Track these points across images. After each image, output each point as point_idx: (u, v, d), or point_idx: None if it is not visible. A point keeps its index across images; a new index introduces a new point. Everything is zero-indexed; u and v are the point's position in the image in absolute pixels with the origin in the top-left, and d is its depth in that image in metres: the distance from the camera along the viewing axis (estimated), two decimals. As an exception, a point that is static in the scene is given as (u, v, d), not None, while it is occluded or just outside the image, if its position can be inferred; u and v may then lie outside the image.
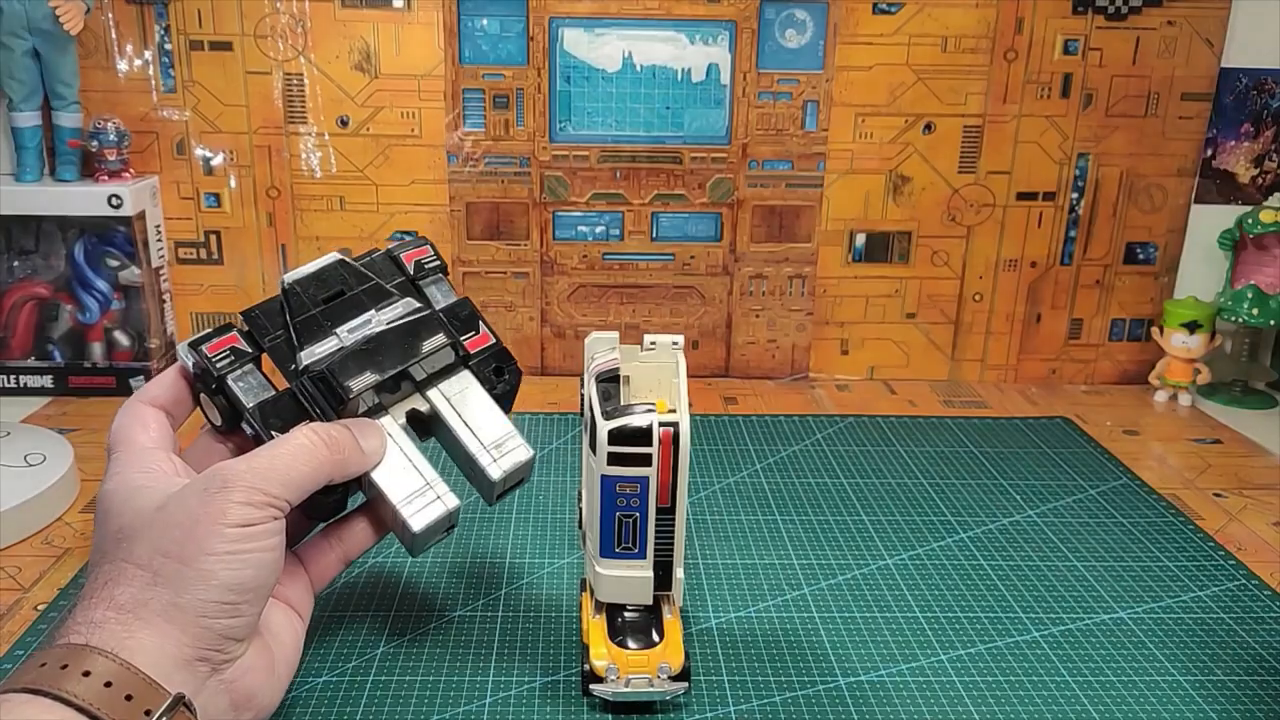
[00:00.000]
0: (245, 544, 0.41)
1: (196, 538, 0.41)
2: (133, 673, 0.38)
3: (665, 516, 0.49)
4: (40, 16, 0.84)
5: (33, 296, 0.91)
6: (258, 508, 0.42)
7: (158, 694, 0.38)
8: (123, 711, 0.37)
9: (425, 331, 0.49)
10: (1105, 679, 0.55)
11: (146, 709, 0.38)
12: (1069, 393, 1.00)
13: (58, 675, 0.37)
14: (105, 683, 0.37)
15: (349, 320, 0.49)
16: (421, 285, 0.53)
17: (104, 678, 0.38)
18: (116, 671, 0.38)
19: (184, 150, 0.93)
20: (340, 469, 0.46)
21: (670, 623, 0.52)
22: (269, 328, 0.49)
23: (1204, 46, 0.94)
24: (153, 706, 0.38)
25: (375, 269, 0.52)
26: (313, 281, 0.50)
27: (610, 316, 1.00)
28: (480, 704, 0.52)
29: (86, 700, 0.37)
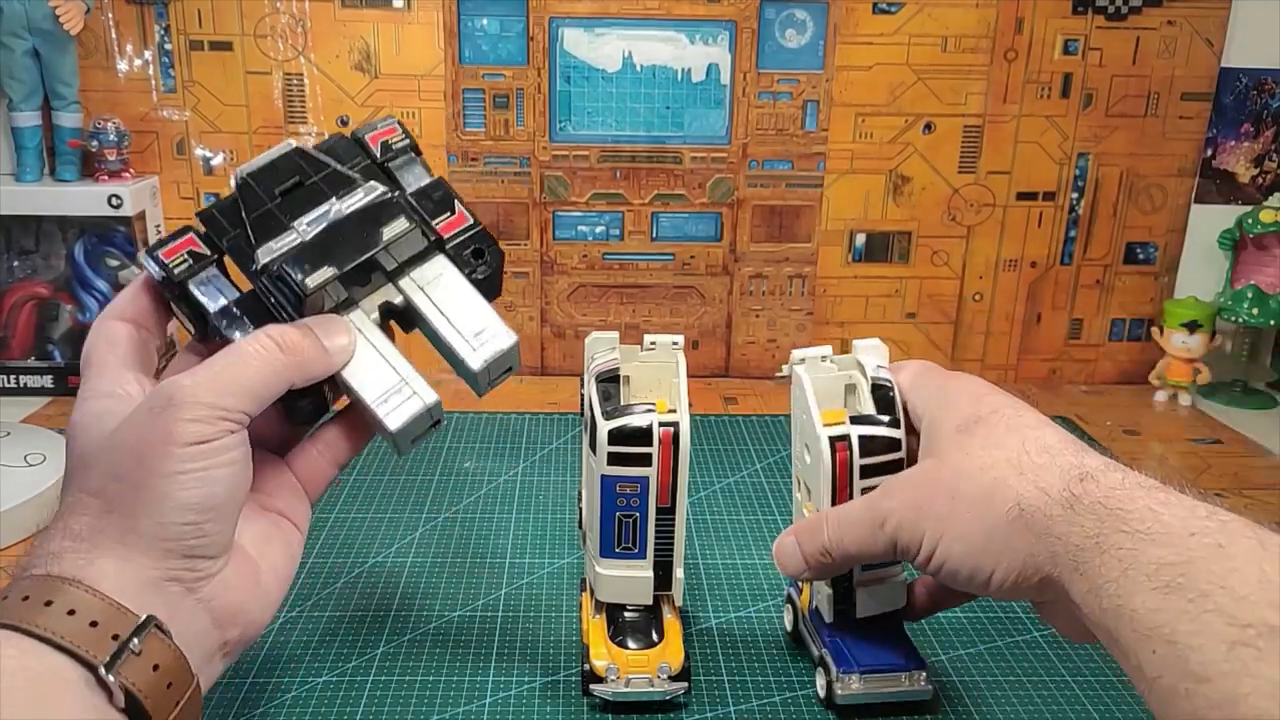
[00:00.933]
0: (200, 461, 0.38)
1: (147, 461, 0.38)
2: (97, 597, 0.36)
3: (665, 516, 0.49)
4: (40, 16, 0.84)
5: (33, 296, 0.91)
6: (209, 423, 0.39)
7: (125, 617, 0.36)
8: (89, 639, 0.35)
9: (387, 216, 0.45)
10: (1105, 679, 0.55)
11: (114, 633, 0.36)
12: (1069, 393, 1.00)
13: (19, 607, 0.35)
14: (69, 610, 0.35)
15: (308, 212, 0.45)
16: (391, 168, 0.49)
17: (67, 605, 0.36)
18: (80, 598, 0.36)
19: (184, 150, 0.93)
20: (301, 371, 0.42)
21: (670, 623, 0.52)
22: (226, 227, 0.46)
23: (1204, 46, 0.94)
24: (120, 630, 0.36)
25: (336, 154, 0.48)
26: (268, 173, 0.46)
27: (610, 316, 1.00)
28: (480, 704, 0.52)
29: (50, 630, 0.35)
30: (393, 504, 0.72)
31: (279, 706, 0.51)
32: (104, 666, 0.35)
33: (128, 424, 0.40)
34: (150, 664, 0.36)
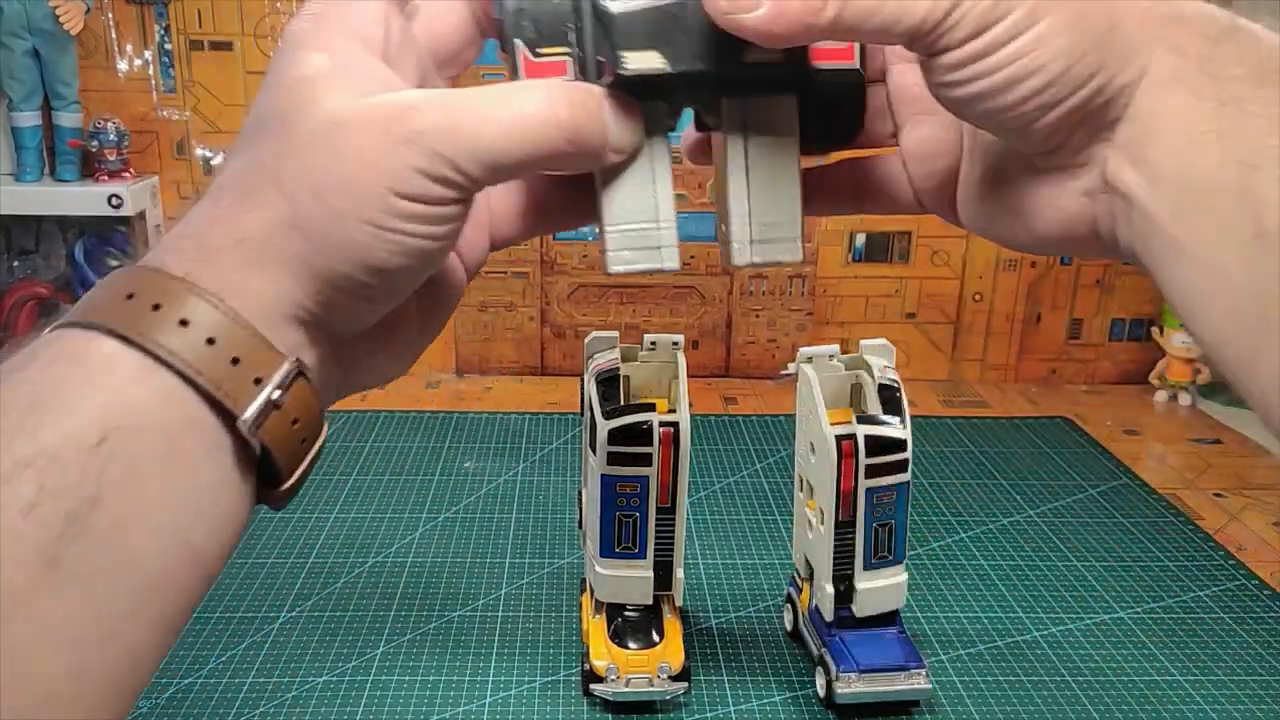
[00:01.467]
0: (408, 224, 0.29)
1: (355, 191, 0.29)
2: (240, 326, 0.28)
3: (665, 516, 0.49)
4: (40, 16, 0.84)
5: (33, 296, 0.91)
6: (438, 182, 0.29)
7: (269, 357, 0.28)
8: (231, 381, 0.27)
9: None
10: (1105, 679, 0.55)
11: (256, 376, 0.28)
12: (1069, 393, 1.00)
13: (148, 319, 0.27)
14: (208, 338, 0.27)
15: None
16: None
17: (206, 332, 0.27)
18: (221, 324, 0.28)
19: (184, 150, 0.93)
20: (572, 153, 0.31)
21: (670, 623, 0.52)
22: None
23: (1204, 46, 0.94)
24: (262, 373, 0.28)
25: None
26: None
27: (610, 316, 1.00)
28: (480, 704, 0.52)
29: (184, 360, 0.27)
30: (393, 504, 0.72)
31: (279, 706, 0.51)
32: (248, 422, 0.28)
33: (357, 129, 0.29)
34: (290, 417, 0.29)
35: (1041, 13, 0.27)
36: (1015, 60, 0.28)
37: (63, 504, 0.24)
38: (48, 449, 0.24)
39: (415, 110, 0.29)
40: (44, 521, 0.24)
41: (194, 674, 0.54)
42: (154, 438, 0.26)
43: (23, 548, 0.24)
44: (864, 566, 0.50)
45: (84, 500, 0.24)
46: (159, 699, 0.52)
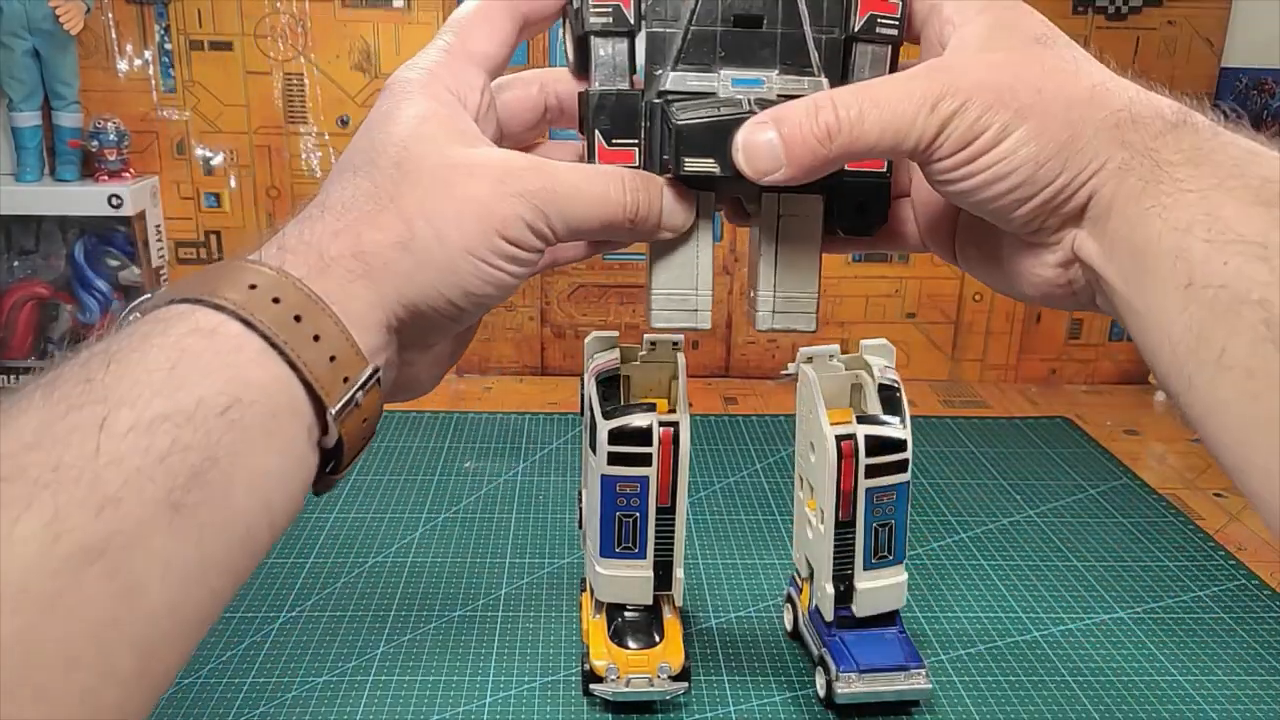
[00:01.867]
0: (500, 263, 0.35)
1: (466, 227, 0.34)
2: (340, 330, 0.32)
3: (665, 516, 0.50)
4: (40, 16, 0.84)
5: (33, 296, 0.91)
6: (535, 234, 0.35)
7: (357, 361, 0.33)
8: (327, 376, 0.32)
9: None
10: (1105, 679, 0.55)
11: (345, 375, 0.32)
12: (1069, 393, 1.00)
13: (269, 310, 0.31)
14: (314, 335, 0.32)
15: (741, 65, 0.39)
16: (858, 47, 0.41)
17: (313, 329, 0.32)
18: (326, 326, 0.32)
19: (184, 150, 0.93)
20: (634, 230, 0.39)
21: (670, 622, 0.52)
22: (662, 8, 0.40)
23: (1204, 46, 0.94)
24: (350, 374, 0.32)
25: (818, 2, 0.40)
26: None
27: (610, 316, 1.00)
28: (480, 704, 0.52)
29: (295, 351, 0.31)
30: (393, 504, 0.72)
31: (279, 706, 0.51)
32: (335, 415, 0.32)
33: (475, 172, 0.35)
34: (363, 415, 0.33)
35: (1011, 128, 0.34)
36: (990, 167, 0.35)
37: (190, 458, 0.27)
38: (185, 408, 0.28)
39: (527, 171, 0.36)
40: (172, 470, 0.27)
41: (194, 674, 0.54)
42: (264, 414, 0.30)
43: (152, 490, 0.26)
44: (864, 566, 0.50)
45: (206, 458, 0.28)
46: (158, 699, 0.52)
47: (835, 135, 0.35)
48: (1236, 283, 0.29)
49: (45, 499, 0.25)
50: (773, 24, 0.40)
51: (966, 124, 0.34)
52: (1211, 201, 0.31)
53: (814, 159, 0.36)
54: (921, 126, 0.35)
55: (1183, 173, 0.32)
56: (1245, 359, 0.28)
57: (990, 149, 0.35)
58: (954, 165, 0.35)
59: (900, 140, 0.35)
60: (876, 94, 0.36)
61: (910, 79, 0.36)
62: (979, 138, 0.34)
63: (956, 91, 0.35)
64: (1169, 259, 0.31)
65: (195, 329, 0.30)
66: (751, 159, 0.37)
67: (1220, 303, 0.29)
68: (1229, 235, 0.30)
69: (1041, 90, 0.35)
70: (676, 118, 0.38)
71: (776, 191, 0.42)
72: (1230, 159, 0.32)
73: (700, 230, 0.42)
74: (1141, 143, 0.33)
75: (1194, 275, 0.30)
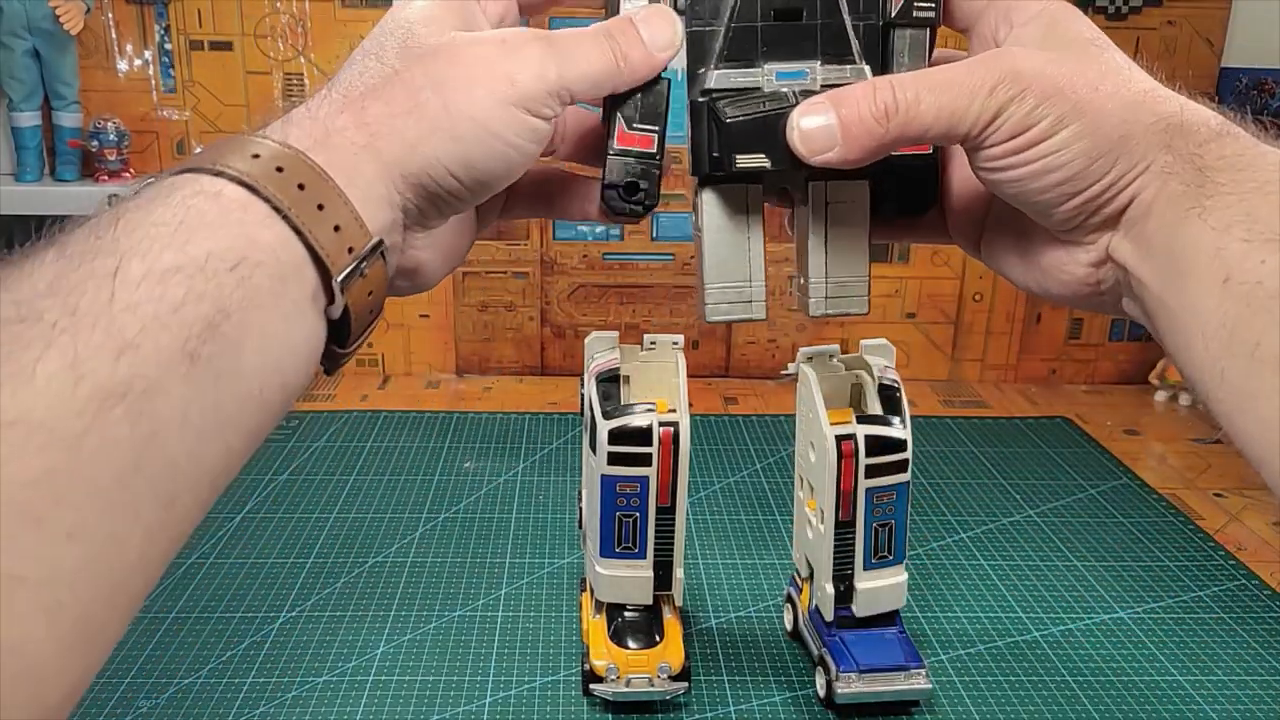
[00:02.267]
0: (515, 134, 0.35)
1: (474, 89, 0.35)
2: (343, 202, 0.33)
3: (665, 516, 0.49)
4: (40, 16, 0.84)
5: (33, 296, 0.91)
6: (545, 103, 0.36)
7: (361, 232, 0.33)
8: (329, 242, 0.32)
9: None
10: (1105, 679, 0.55)
11: (350, 245, 0.33)
12: (1069, 393, 1.00)
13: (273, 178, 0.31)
14: (318, 204, 0.32)
15: (784, 58, 0.40)
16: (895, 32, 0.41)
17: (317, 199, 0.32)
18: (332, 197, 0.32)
19: (184, 150, 0.93)
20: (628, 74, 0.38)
21: (670, 622, 0.52)
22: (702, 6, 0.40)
23: (1204, 46, 0.94)
24: (354, 244, 0.33)
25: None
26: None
27: (610, 316, 1.00)
28: (480, 704, 0.52)
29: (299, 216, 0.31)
30: (393, 504, 0.72)
31: (279, 706, 0.51)
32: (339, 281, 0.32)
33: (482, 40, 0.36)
34: (368, 288, 0.34)
35: (1067, 121, 0.34)
36: (1042, 158, 0.35)
37: (203, 309, 0.28)
38: (196, 260, 0.28)
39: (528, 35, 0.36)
40: (186, 321, 0.27)
41: (194, 674, 0.54)
42: (271, 274, 0.30)
43: (168, 339, 0.27)
44: (864, 566, 0.50)
45: (219, 310, 0.28)
46: (159, 699, 0.52)
47: (892, 116, 0.36)
48: (1273, 279, 0.29)
49: (65, 341, 0.25)
50: (812, 15, 0.40)
51: (1023, 112, 0.34)
52: (1250, 204, 0.31)
53: (870, 139, 0.36)
54: (978, 110, 0.35)
55: (1224, 177, 0.32)
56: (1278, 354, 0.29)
57: (1043, 140, 0.35)
58: (1005, 153, 0.35)
59: (955, 124, 0.35)
60: (935, 78, 0.36)
61: (968, 65, 0.36)
62: (1034, 127, 0.35)
63: (1017, 79, 0.35)
64: (1207, 256, 0.32)
65: (200, 191, 0.30)
66: (807, 140, 0.37)
67: (1256, 297, 0.30)
68: (1267, 234, 0.30)
69: (1099, 89, 0.35)
70: (725, 115, 0.39)
71: (824, 179, 0.42)
72: (1271, 165, 0.32)
73: (751, 224, 0.43)
74: (1186, 149, 0.34)
75: (1231, 271, 0.31)
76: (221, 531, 0.68)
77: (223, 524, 0.69)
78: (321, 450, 0.81)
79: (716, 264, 0.43)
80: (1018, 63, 0.35)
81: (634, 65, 0.39)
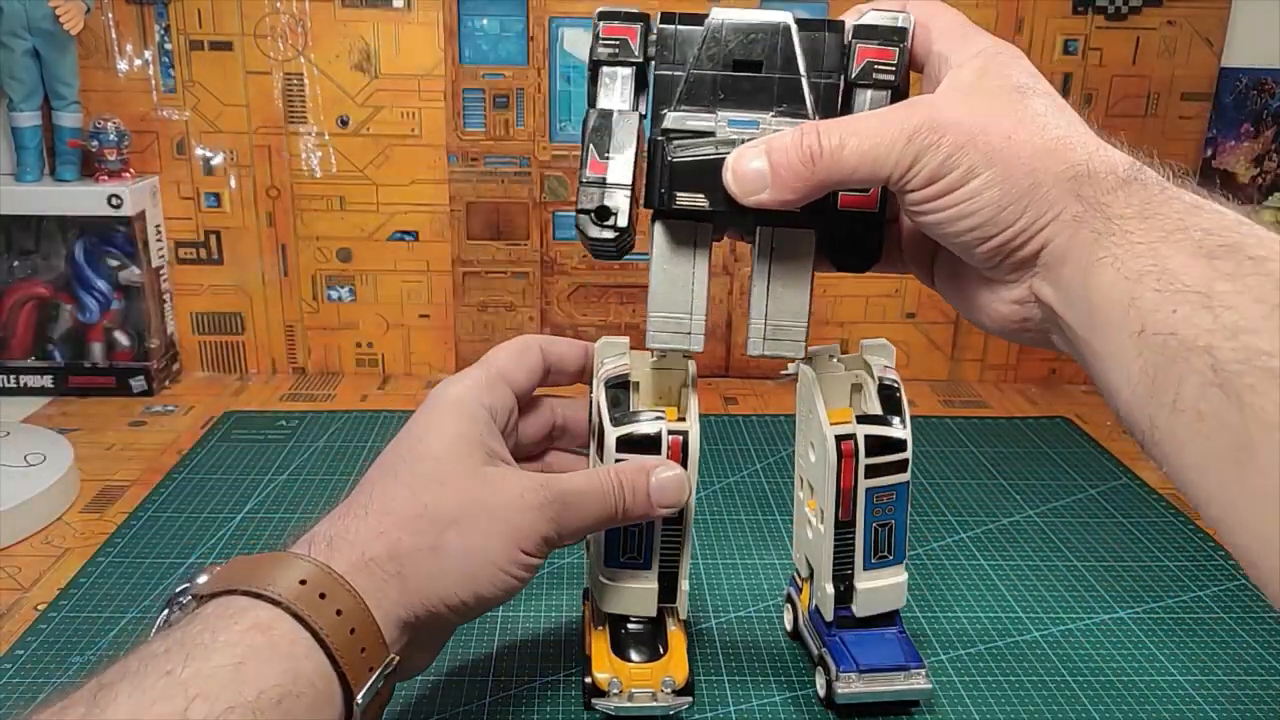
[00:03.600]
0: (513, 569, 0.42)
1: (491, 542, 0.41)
2: (370, 625, 0.38)
3: (672, 527, 0.49)
4: (40, 16, 0.84)
5: (33, 296, 0.91)
6: (546, 544, 0.43)
7: (381, 652, 0.38)
8: (357, 665, 0.37)
9: None
10: (1105, 679, 0.55)
11: (370, 665, 0.38)
12: (1069, 393, 1.00)
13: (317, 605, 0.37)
14: (350, 629, 0.37)
15: (739, 107, 0.42)
16: (855, 95, 0.43)
17: (351, 623, 0.37)
18: (361, 619, 0.38)
19: (184, 150, 0.93)
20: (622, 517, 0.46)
21: (675, 635, 0.51)
22: (669, 51, 0.43)
23: (1204, 46, 0.94)
24: (374, 664, 0.38)
25: (816, 51, 0.42)
26: (742, 35, 0.42)
27: (610, 316, 1.00)
28: (480, 704, 0.52)
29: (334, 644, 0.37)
30: (393, 504, 0.72)
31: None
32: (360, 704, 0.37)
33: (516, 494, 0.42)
34: (382, 700, 0.40)
35: (978, 170, 0.37)
36: (956, 205, 0.37)
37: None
38: (248, 701, 0.33)
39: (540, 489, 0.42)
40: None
41: (194, 674, 0.54)
42: (308, 704, 0.35)
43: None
44: (864, 566, 0.50)
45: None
46: (159, 699, 0.52)
47: (818, 160, 0.38)
48: (1184, 330, 0.31)
49: None
50: (771, 69, 0.42)
51: (938, 161, 0.37)
52: (1159, 253, 0.33)
53: (798, 181, 0.38)
54: (896, 157, 0.37)
55: (1133, 225, 0.34)
56: (1195, 402, 0.30)
57: (956, 188, 0.37)
58: (924, 199, 0.38)
59: (877, 169, 0.38)
60: (859, 125, 0.38)
61: (891, 112, 0.39)
62: (947, 175, 0.37)
63: (934, 127, 0.37)
64: (1122, 307, 0.33)
65: (255, 625, 0.36)
66: (740, 181, 0.40)
67: (1170, 349, 0.31)
68: (1176, 285, 0.32)
69: (1011, 138, 0.37)
70: (671, 154, 0.42)
71: (770, 225, 0.44)
72: (1176, 213, 0.34)
73: (697, 259, 0.45)
74: (1095, 197, 0.36)
75: (1146, 323, 0.32)
76: (221, 531, 0.68)
77: (223, 524, 0.69)
78: (321, 450, 0.81)
79: (660, 294, 0.46)
80: (935, 112, 0.38)
81: (631, 518, 0.46)
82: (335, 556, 0.39)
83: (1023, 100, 0.38)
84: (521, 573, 0.42)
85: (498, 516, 0.41)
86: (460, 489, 0.42)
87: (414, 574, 0.40)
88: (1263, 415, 0.29)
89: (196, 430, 0.85)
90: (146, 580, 0.62)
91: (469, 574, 0.41)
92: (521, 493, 0.42)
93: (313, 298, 0.98)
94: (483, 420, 0.45)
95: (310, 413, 0.89)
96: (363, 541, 0.40)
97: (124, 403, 0.91)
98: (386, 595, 0.39)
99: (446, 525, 0.41)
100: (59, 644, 0.56)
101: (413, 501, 0.41)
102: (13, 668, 0.53)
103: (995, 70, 0.39)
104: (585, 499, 0.44)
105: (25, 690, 0.52)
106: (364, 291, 0.98)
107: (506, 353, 0.49)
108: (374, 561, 0.40)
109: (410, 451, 0.43)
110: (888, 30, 0.42)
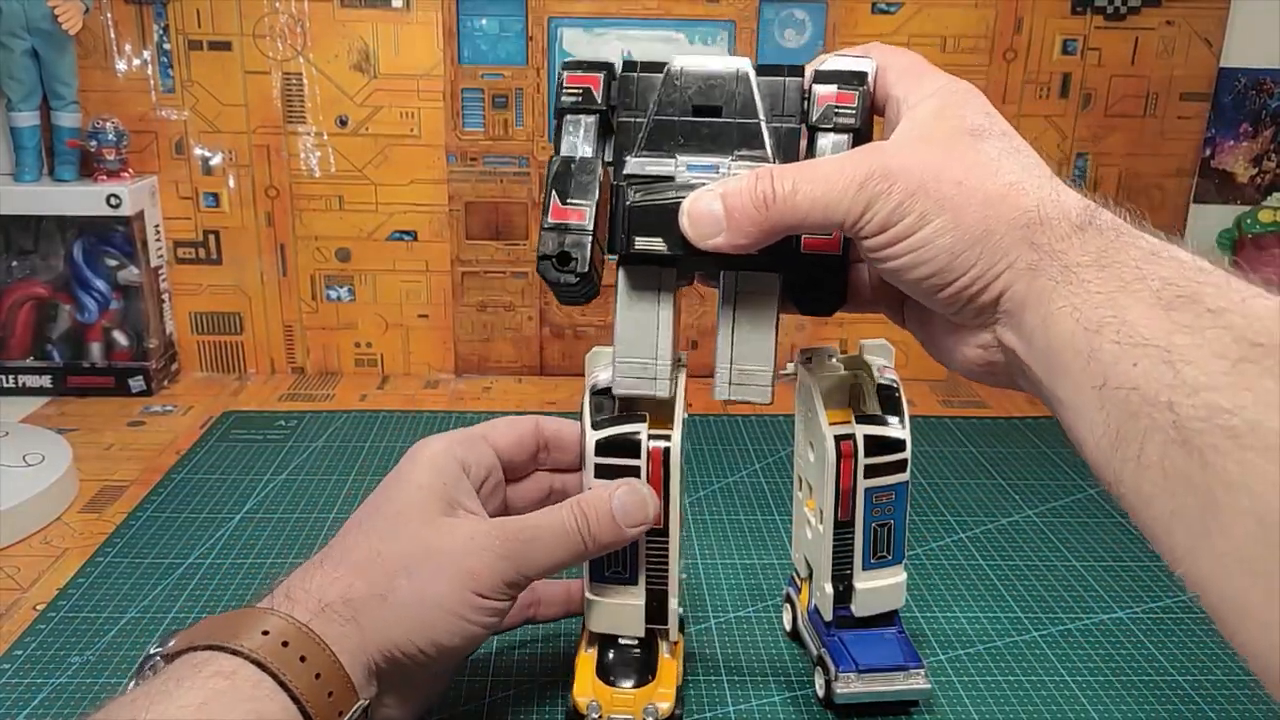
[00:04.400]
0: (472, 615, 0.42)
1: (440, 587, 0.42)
2: (337, 669, 0.39)
3: (657, 539, 0.47)
4: (39, 16, 0.84)
5: (31, 296, 0.91)
6: (505, 585, 0.43)
7: (350, 696, 0.39)
8: (323, 709, 0.38)
9: None
10: (1105, 679, 0.55)
11: (340, 709, 0.39)
12: (1068, 393, 1.00)
13: (279, 654, 0.38)
14: (316, 674, 0.38)
15: (698, 152, 0.42)
16: (817, 139, 0.43)
17: (316, 669, 0.38)
18: (327, 665, 0.39)
19: (183, 150, 0.93)
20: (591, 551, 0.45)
21: (666, 662, 0.49)
22: (633, 95, 0.43)
23: (1203, 46, 0.94)
24: (343, 708, 0.39)
25: (776, 96, 0.42)
26: (702, 82, 0.42)
27: (609, 317, 1.00)
28: (480, 704, 0.52)
29: (300, 690, 0.37)
30: (392, 504, 0.72)
31: None
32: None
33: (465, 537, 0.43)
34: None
35: (930, 217, 0.36)
36: (910, 252, 0.37)
37: None
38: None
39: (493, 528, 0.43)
40: None
41: (193, 674, 0.54)
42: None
43: None
44: (863, 566, 0.50)
45: None
46: (158, 699, 0.52)
47: (770, 205, 0.38)
48: (1145, 385, 0.31)
49: None
50: (731, 114, 0.42)
51: (889, 208, 0.37)
52: (1118, 304, 0.33)
53: (752, 225, 0.38)
54: (849, 204, 0.37)
55: (1090, 274, 0.34)
56: (1159, 459, 0.31)
57: (909, 235, 0.37)
58: (879, 245, 0.38)
59: (829, 215, 0.38)
60: (813, 171, 0.38)
61: (847, 158, 0.38)
62: (899, 223, 0.37)
63: (885, 174, 0.37)
64: (1082, 359, 0.33)
65: (218, 672, 0.37)
66: (695, 224, 0.39)
67: (1133, 404, 0.31)
68: (1135, 338, 0.32)
69: (962, 183, 0.37)
70: (630, 199, 0.42)
71: (734, 269, 0.44)
72: (1133, 260, 0.34)
73: (661, 304, 0.45)
74: (1049, 244, 0.35)
75: (1107, 377, 0.32)
76: (221, 531, 0.67)
77: (222, 524, 0.68)
78: (321, 450, 0.81)
79: (625, 339, 0.46)
80: (887, 159, 0.37)
81: (602, 545, 0.45)
82: (295, 607, 0.40)
83: (975, 144, 0.38)
84: (482, 617, 0.42)
85: (446, 562, 0.42)
86: (412, 536, 0.42)
87: (368, 621, 0.41)
88: (1225, 475, 0.28)
89: (195, 430, 0.85)
90: (145, 580, 0.62)
91: (422, 620, 0.41)
92: (471, 535, 0.43)
93: (312, 298, 0.98)
94: (451, 474, 0.45)
95: (309, 413, 0.89)
96: (319, 589, 0.41)
97: (123, 403, 0.90)
98: (349, 640, 0.40)
99: (397, 572, 0.41)
100: (58, 644, 0.56)
101: (367, 549, 0.42)
102: (11, 668, 0.53)
103: (950, 111, 0.39)
104: (544, 533, 0.44)
105: (24, 690, 0.52)
106: (363, 291, 0.98)
107: (498, 420, 0.50)
108: (329, 607, 0.40)
109: (375, 504, 0.45)
110: (848, 74, 0.42)
